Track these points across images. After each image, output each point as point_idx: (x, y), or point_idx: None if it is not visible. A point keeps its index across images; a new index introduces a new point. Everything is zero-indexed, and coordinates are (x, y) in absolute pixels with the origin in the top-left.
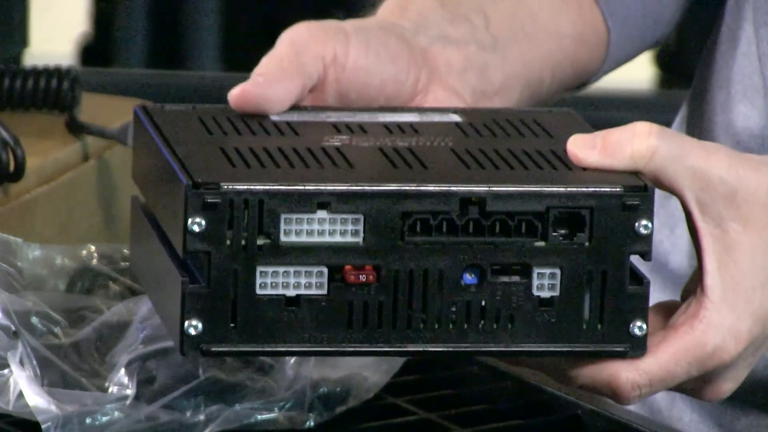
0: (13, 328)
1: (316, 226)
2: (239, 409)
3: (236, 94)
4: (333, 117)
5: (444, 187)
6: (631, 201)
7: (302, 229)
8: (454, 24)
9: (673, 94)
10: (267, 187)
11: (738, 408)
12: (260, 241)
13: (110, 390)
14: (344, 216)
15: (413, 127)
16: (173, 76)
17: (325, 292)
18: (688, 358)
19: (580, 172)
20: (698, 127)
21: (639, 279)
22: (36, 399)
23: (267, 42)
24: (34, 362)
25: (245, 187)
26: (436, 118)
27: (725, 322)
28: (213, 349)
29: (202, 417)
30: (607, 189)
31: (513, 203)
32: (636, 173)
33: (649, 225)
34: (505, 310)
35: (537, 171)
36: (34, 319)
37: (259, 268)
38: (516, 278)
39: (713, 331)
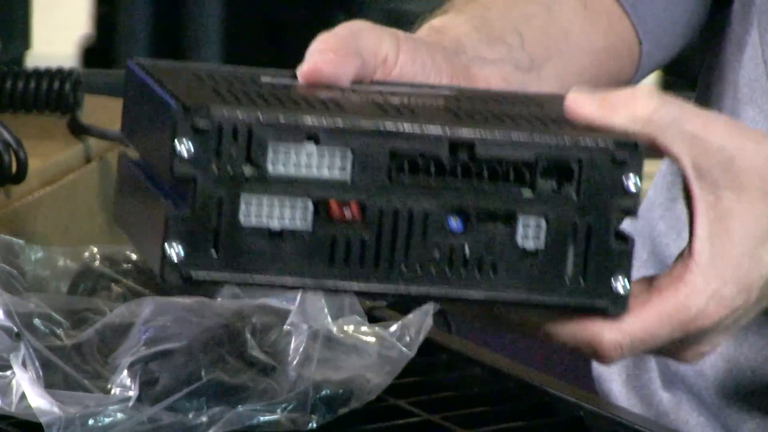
0: (16, 329)
1: (303, 159)
2: (242, 411)
3: (309, 70)
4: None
5: (434, 130)
6: (621, 156)
7: (290, 160)
8: (490, 46)
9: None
10: (257, 115)
11: (744, 411)
12: (247, 171)
13: (113, 392)
14: (332, 150)
15: (407, 92)
16: None
17: (309, 226)
18: (671, 321)
19: (571, 129)
20: None
21: (624, 237)
22: (38, 400)
23: (268, 45)
24: (37, 364)
25: (235, 113)
26: (430, 90)
27: (710, 286)
28: (193, 274)
29: (204, 419)
30: (598, 142)
31: (502, 149)
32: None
33: (638, 182)
34: (488, 258)
35: (528, 124)
36: (37, 321)
37: (244, 197)
38: (501, 226)
39: (697, 294)
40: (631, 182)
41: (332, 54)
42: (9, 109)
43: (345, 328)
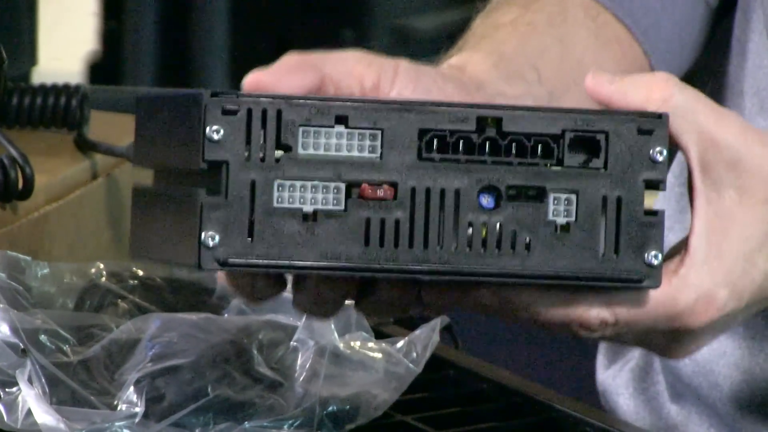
0: (22, 345)
1: (333, 140)
2: (248, 427)
3: (249, 81)
4: None
5: (461, 105)
6: (646, 125)
7: (320, 142)
8: (509, 82)
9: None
10: (285, 98)
11: (759, 422)
12: (278, 154)
13: (119, 408)
14: (362, 131)
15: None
16: None
17: (342, 207)
18: (657, 310)
19: (595, 107)
20: None
21: (654, 211)
22: (45, 417)
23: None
24: (43, 380)
25: (264, 96)
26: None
27: (702, 285)
28: (231, 260)
29: None
30: (623, 113)
31: (529, 124)
32: None
33: (664, 152)
34: (520, 234)
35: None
36: (43, 337)
37: (277, 181)
38: (531, 202)
39: (687, 289)
40: (657, 151)
41: (277, 66)
42: (15, 125)
43: (352, 344)
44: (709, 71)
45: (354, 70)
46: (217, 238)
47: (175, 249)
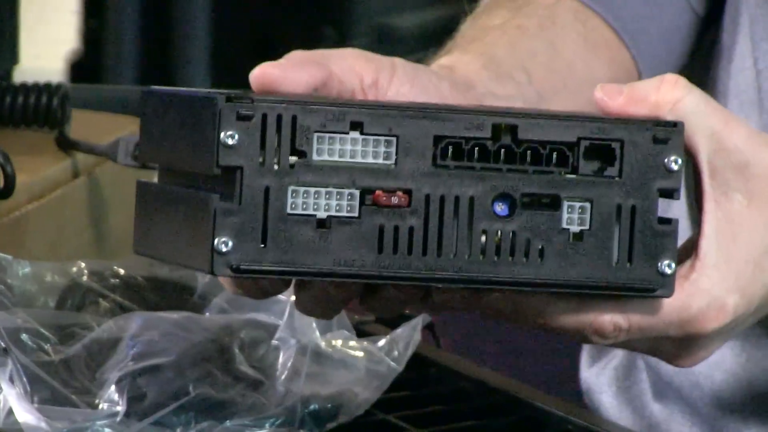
0: (3, 345)
1: (348, 147)
2: (230, 426)
3: (257, 74)
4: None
5: (477, 113)
6: (662, 134)
7: (335, 148)
8: (500, 83)
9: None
10: (301, 104)
11: (741, 422)
12: (292, 160)
13: (100, 407)
14: (377, 137)
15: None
16: None
17: (356, 214)
18: (670, 315)
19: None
20: None
21: (668, 220)
22: (26, 416)
23: (257, 59)
24: (24, 379)
25: (279, 101)
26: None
27: (714, 290)
28: (243, 266)
29: None
30: (638, 122)
31: (544, 132)
32: None
33: (679, 160)
34: (534, 242)
35: (567, 110)
36: (24, 336)
37: (291, 187)
38: (546, 210)
39: (700, 294)
40: (672, 160)
41: (285, 60)
42: None
43: (333, 342)
44: (694, 74)
45: (354, 67)
46: (230, 243)
47: (185, 252)
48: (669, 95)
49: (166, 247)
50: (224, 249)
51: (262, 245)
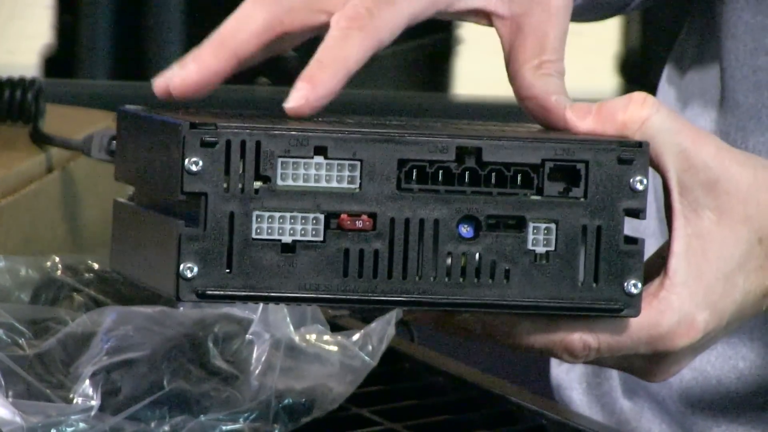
0: None
1: (312, 171)
2: (204, 420)
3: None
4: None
5: (441, 136)
6: (627, 155)
7: (299, 173)
8: None
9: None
10: (264, 129)
11: (710, 419)
12: (256, 185)
13: (75, 401)
14: (341, 162)
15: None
16: (137, 87)
17: (321, 238)
18: (640, 333)
19: (574, 136)
20: None
21: (634, 239)
22: (0, 410)
23: None
24: None
25: (242, 128)
26: (427, 122)
27: (684, 307)
28: (209, 292)
29: (166, 428)
30: (603, 142)
31: (509, 154)
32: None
33: (645, 181)
34: (500, 264)
35: (532, 132)
36: None
37: (256, 212)
38: (511, 232)
39: (670, 312)
40: (638, 181)
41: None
42: None
43: (307, 337)
44: (664, 69)
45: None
46: (195, 269)
47: (153, 275)
48: (637, 114)
49: (137, 269)
50: (189, 275)
51: (228, 270)
